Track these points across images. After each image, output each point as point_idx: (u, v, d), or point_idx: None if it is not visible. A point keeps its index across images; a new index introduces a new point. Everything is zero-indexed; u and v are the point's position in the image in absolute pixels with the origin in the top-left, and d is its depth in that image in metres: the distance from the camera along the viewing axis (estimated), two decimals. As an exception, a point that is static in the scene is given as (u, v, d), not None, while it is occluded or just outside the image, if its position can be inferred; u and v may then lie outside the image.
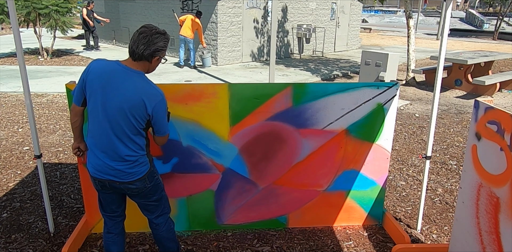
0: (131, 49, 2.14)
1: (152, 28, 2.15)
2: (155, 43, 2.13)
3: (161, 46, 2.17)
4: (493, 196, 2.30)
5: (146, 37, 2.11)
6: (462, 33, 23.69)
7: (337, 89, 3.03)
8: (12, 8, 2.71)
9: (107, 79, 2.12)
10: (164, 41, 2.18)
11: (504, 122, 2.20)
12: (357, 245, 3.19)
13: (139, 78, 2.18)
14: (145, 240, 3.19)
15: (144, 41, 2.11)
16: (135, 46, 2.13)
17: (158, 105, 2.18)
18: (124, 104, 2.11)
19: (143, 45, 2.12)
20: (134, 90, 2.12)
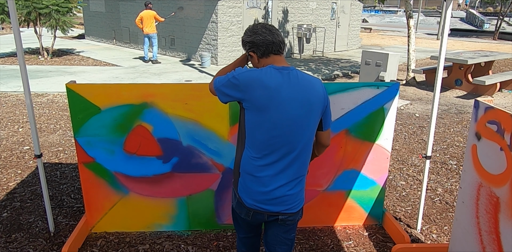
0: (278, 45, 1.92)
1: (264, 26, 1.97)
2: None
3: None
4: (493, 196, 2.30)
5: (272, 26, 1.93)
6: (462, 33, 23.68)
7: (337, 89, 3.03)
8: (13, 7, 2.71)
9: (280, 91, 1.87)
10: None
11: (504, 122, 2.20)
12: (357, 244, 3.19)
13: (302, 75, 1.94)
14: (145, 239, 3.19)
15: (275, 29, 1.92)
16: (280, 37, 1.91)
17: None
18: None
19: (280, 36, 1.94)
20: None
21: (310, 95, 1.89)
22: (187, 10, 11.92)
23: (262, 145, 1.88)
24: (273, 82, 1.83)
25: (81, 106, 2.90)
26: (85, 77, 9.44)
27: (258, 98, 1.82)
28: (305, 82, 1.90)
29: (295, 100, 1.85)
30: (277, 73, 1.86)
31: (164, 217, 3.26)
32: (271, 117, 1.83)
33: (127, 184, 3.14)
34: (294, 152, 1.91)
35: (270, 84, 1.82)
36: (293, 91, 1.85)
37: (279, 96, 1.82)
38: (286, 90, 1.83)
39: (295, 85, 1.86)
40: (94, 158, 3.04)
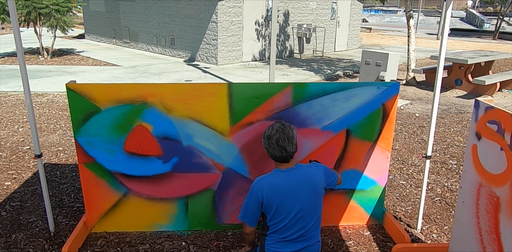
0: (282, 158, 2.19)
1: (277, 129, 2.19)
2: (292, 137, 2.19)
3: (295, 134, 2.23)
4: (493, 196, 2.30)
5: (284, 139, 2.16)
6: (462, 33, 23.68)
7: (337, 89, 3.03)
8: (13, 7, 2.71)
9: (288, 189, 2.20)
10: (292, 129, 2.23)
11: (504, 122, 2.20)
12: (357, 244, 3.19)
13: (304, 169, 2.28)
14: (145, 239, 3.19)
15: (285, 143, 2.16)
16: (283, 153, 2.17)
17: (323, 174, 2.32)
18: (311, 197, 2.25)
19: (289, 146, 2.17)
20: (310, 180, 2.25)
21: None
22: (187, 10, 11.92)
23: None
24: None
25: (81, 106, 2.90)
26: (85, 77, 9.44)
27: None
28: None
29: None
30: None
31: (164, 217, 3.26)
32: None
33: (127, 184, 3.14)
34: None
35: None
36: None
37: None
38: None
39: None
40: (94, 157, 3.04)
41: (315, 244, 2.30)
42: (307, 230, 2.23)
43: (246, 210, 2.24)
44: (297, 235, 2.22)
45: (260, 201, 2.18)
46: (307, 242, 2.25)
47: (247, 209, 2.23)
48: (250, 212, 2.22)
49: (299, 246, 2.24)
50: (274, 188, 2.16)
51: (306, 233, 2.24)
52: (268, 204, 2.17)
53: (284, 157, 2.18)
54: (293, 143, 2.18)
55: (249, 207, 2.22)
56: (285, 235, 2.22)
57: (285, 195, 2.16)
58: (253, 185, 2.22)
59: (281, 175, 2.20)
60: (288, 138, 2.16)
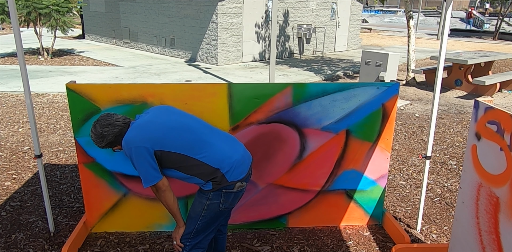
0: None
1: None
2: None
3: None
4: (493, 196, 2.30)
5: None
6: (462, 33, 23.68)
7: (337, 89, 3.03)
8: (13, 7, 2.71)
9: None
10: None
11: (504, 122, 2.21)
12: (357, 244, 3.19)
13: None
14: (145, 239, 3.20)
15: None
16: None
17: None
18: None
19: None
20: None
21: None
22: (187, 10, 11.93)
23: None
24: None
25: (81, 106, 2.90)
26: (85, 77, 9.44)
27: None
28: None
29: None
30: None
31: (164, 217, 3.26)
32: None
33: (127, 184, 3.14)
34: None
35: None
36: None
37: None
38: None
39: None
40: (94, 158, 3.04)
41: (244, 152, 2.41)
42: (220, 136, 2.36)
43: (146, 170, 2.20)
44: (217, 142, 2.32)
45: (151, 151, 2.18)
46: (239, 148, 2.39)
47: (146, 169, 2.20)
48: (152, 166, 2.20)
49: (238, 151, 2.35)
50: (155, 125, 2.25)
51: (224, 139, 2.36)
52: (159, 144, 2.19)
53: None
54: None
55: (145, 166, 2.19)
56: (207, 147, 2.28)
57: (155, 123, 2.25)
58: (131, 146, 2.18)
59: (143, 117, 2.32)
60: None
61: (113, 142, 2.26)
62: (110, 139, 2.24)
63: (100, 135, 2.24)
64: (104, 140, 2.24)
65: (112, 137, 2.23)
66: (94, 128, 2.26)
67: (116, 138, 2.24)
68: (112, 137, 2.23)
